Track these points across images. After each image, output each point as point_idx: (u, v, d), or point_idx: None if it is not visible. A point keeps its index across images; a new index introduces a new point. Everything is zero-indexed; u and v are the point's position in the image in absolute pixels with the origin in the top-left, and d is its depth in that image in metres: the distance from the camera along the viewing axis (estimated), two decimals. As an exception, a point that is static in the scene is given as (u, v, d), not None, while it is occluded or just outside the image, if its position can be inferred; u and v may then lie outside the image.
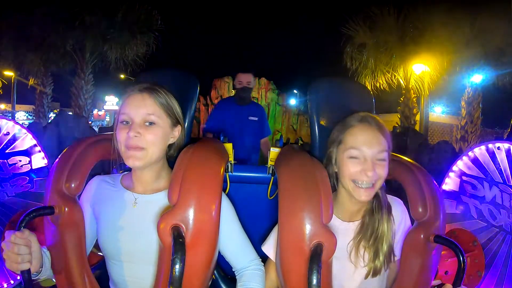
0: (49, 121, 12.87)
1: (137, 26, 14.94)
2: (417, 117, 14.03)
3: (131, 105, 1.32)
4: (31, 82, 15.72)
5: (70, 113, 14.22)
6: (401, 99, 13.94)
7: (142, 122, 1.31)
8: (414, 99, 13.81)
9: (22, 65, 14.80)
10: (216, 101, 17.42)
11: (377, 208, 1.42)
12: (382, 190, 1.45)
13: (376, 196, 1.43)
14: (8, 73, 16.32)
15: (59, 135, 8.40)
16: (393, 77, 13.97)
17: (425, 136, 11.85)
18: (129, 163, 1.30)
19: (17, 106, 22.58)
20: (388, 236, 1.40)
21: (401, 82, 13.88)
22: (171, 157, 1.46)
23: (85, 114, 14.85)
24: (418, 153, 7.82)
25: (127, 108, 1.32)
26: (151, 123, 1.32)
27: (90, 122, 14.70)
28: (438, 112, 22.30)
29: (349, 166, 1.36)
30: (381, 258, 1.37)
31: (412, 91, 13.70)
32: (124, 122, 1.32)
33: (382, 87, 14.17)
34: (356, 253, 1.40)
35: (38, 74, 15.35)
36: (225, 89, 17.87)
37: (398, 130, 10.36)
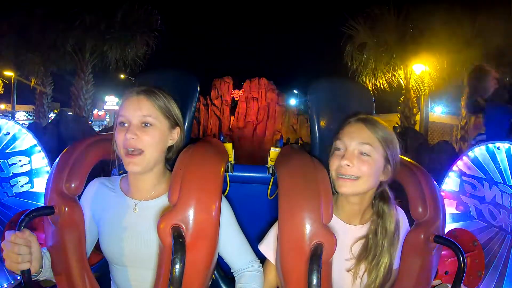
0: (49, 121, 12.88)
1: (137, 26, 14.97)
2: (417, 117, 14.03)
3: (128, 107, 1.32)
4: (32, 82, 15.73)
5: (70, 113, 14.24)
6: (401, 99, 13.94)
7: (139, 123, 1.31)
8: (414, 99, 13.81)
9: (22, 65, 14.82)
10: (216, 101, 17.45)
11: (381, 230, 1.40)
12: (391, 205, 1.42)
13: (381, 214, 1.42)
14: (8, 73, 16.32)
15: (59, 135, 8.42)
16: (393, 77, 13.97)
17: (425, 136, 11.88)
18: (129, 168, 1.31)
19: (17, 106, 22.57)
20: (390, 261, 1.38)
21: (401, 82, 13.89)
22: (170, 160, 1.46)
23: (85, 114, 14.88)
24: (418, 153, 7.84)
25: (124, 110, 1.33)
26: (148, 125, 1.32)
27: (90, 122, 14.73)
28: (438, 112, 22.28)
29: (333, 158, 1.39)
30: (377, 282, 1.37)
31: (412, 91, 13.70)
32: (122, 124, 1.32)
33: (382, 87, 14.18)
34: (356, 271, 1.39)
35: (38, 74, 15.37)
36: (225, 89, 17.89)
37: (398, 130, 10.37)
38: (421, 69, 13.34)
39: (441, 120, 21.88)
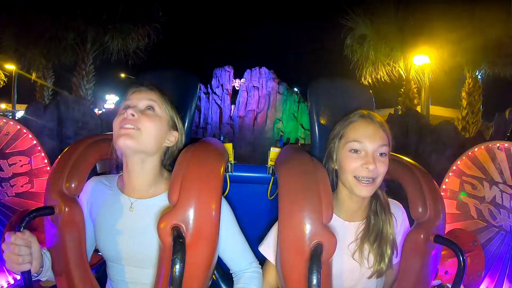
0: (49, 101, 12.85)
1: (138, 17, 14.93)
2: (418, 109, 14.01)
3: (135, 94, 1.34)
4: (33, 76, 15.68)
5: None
6: (402, 89, 13.93)
7: (143, 107, 1.32)
8: (415, 90, 13.79)
9: (23, 57, 14.76)
10: (216, 90, 17.49)
11: (379, 208, 1.43)
12: (382, 190, 1.45)
13: (376, 196, 1.44)
14: (10, 66, 16.21)
15: (60, 115, 8.37)
16: (393, 69, 13.94)
17: (427, 118, 11.88)
18: (120, 142, 1.26)
19: (17, 106, 22.40)
20: (391, 237, 1.41)
21: (402, 73, 13.85)
22: (165, 166, 1.46)
23: (86, 106, 14.85)
24: (420, 134, 7.84)
25: (131, 96, 1.34)
26: (151, 109, 1.33)
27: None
28: (438, 107, 22.27)
29: (350, 160, 1.35)
30: (386, 260, 1.38)
31: (412, 81, 13.67)
32: (126, 107, 1.32)
33: (382, 79, 14.14)
34: (360, 254, 1.41)
35: (39, 67, 15.32)
36: (226, 78, 17.94)
37: (399, 113, 10.37)
38: (422, 60, 13.28)
39: (441, 113, 21.86)
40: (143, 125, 1.29)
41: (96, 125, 9.06)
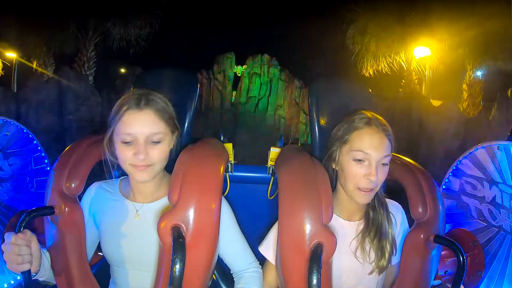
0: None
1: (140, 4, 14.91)
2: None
3: (132, 124, 1.25)
4: (34, 65, 15.62)
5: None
6: (403, 80, 13.93)
7: (148, 141, 1.26)
8: (416, 81, 13.78)
9: (23, 45, 14.68)
10: (218, 76, 17.54)
11: (377, 204, 1.43)
12: (380, 188, 1.45)
13: (377, 197, 1.44)
14: (11, 54, 16.05)
15: (60, 90, 8.31)
16: (394, 61, 13.94)
17: (429, 98, 11.85)
18: (138, 177, 1.28)
19: (17, 105, 22.20)
20: (391, 232, 1.41)
21: (403, 64, 13.85)
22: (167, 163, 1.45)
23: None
24: (423, 114, 7.87)
25: (129, 128, 1.25)
26: (157, 142, 1.28)
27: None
28: (439, 101, 22.27)
29: (353, 168, 1.34)
30: (386, 256, 1.38)
31: (414, 72, 13.67)
32: (127, 143, 1.26)
33: (384, 71, 14.12)
34: (362, 250, 1.40)
35: (40, 55, 15.26)
36: (228, 64, 17.99)
37: (401, 95, 10.38)
38: (423, 51, 13.25)
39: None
40: (154, 160, 1.27)
41: (97, 102, 8.98)
